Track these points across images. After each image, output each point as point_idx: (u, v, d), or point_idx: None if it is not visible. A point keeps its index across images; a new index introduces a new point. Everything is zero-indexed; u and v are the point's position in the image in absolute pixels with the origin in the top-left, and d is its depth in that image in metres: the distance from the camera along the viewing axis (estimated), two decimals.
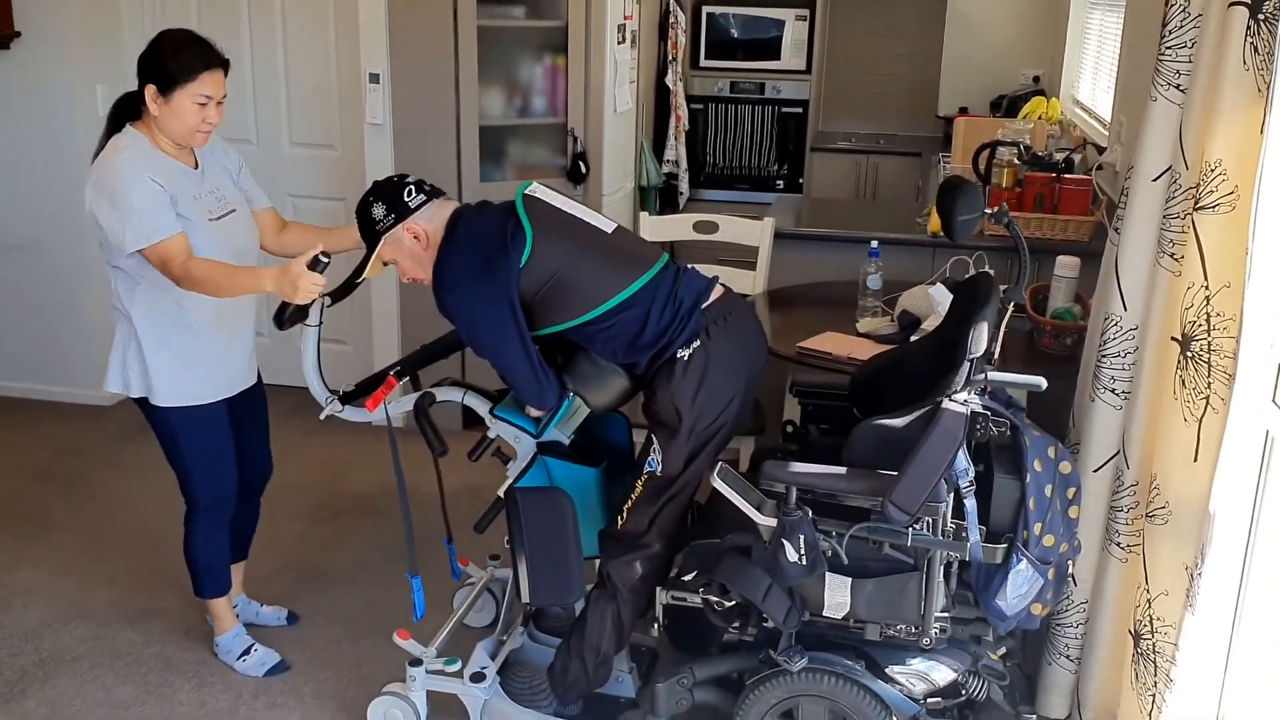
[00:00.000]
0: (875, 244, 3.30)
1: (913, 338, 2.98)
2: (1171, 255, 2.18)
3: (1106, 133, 3.98)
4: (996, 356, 2.38)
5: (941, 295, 2.99)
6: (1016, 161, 3.73)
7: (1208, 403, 2.01)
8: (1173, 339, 2.12)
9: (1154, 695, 2.16)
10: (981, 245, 3.45)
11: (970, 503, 2.21)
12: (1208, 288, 2.01)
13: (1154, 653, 2.16)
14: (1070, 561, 2.35)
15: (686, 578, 2.47)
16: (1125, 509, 2.37)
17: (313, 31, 4.50)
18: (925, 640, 2.31)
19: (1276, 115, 1.83)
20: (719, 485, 2.27)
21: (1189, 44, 2.13)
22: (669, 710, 2.56)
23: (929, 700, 2.42)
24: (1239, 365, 1.93)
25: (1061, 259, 3.07)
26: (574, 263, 2.44)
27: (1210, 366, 2.00)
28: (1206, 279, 2.01)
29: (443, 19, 4.19)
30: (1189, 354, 2.05)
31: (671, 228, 3.97)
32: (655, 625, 2.60)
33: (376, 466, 4.11)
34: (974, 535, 2.22)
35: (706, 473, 2.38)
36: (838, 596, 2.28)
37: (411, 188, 2.49)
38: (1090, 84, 4.95)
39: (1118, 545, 2.39)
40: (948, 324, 2.52)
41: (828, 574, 2.27)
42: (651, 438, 2.48)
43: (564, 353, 2.55)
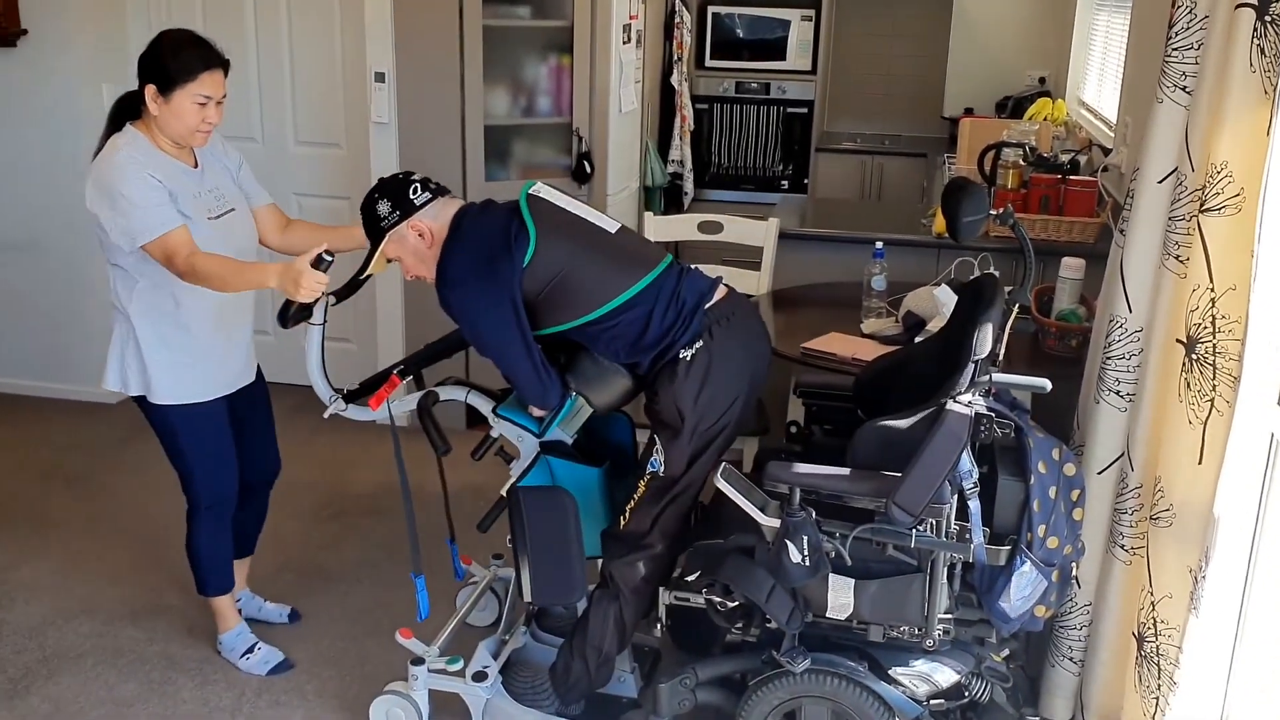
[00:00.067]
0: (880, 245, 3.30)
1: (917, 339, 2.98)
2: (1177, 257, 2.17)
3: (1112, 134, 3.98)
4: (1001, 358, 2.38)
5: (946, 296, 2.99)
6: (1022, 163, 3.73)
7: (1212, 405, 2.01)
8: (1178, 341, 2.11)
9: (1157, 698, 2.15)
10: (986, 246, 3.45)
11: (974, 504, 2.20)
12: (1213, 290, 2.00)
13: (1157, 655, 2.15)
14: (1074, 564, 2.35)
15: (690, 578, 2.46)
16: (1129, 511, 2.36)
17: (318, 30, 4.51)
18: (928, 642, 2.31)
19: None
20: (722, 486, 2.27)
21: (1195, 45, 2.13)
22: (671, 710, 2.56)
23: (932, 702, 2.42)
24: (1244, 368, 1.92)
25: (1066, 261, 3.07)
26: (577, 263, 2.44)
27: (1215, 369, 2.00)
28: (1212, 281, 2.01)
29: (448, 18, 4.19)
30: (1194, 356, 2.05)
31: (676, 228, 3.97)
32: (658, 625, 2.60)
33: (380, 465, 4.12)
34: (978, 537, 2.21)
35: (710, 473, 2.38)
36: (841, 598, 2.28)
37: (417, 185, 2.49)
38: (1096, 85, 4.94)
39: (1122, 548, 2.39)
40: (952, 325, 2.52)
41: (831, 575, 2.27)
42: (654, 438, 2.48)
43: (567, 352, 2.55)
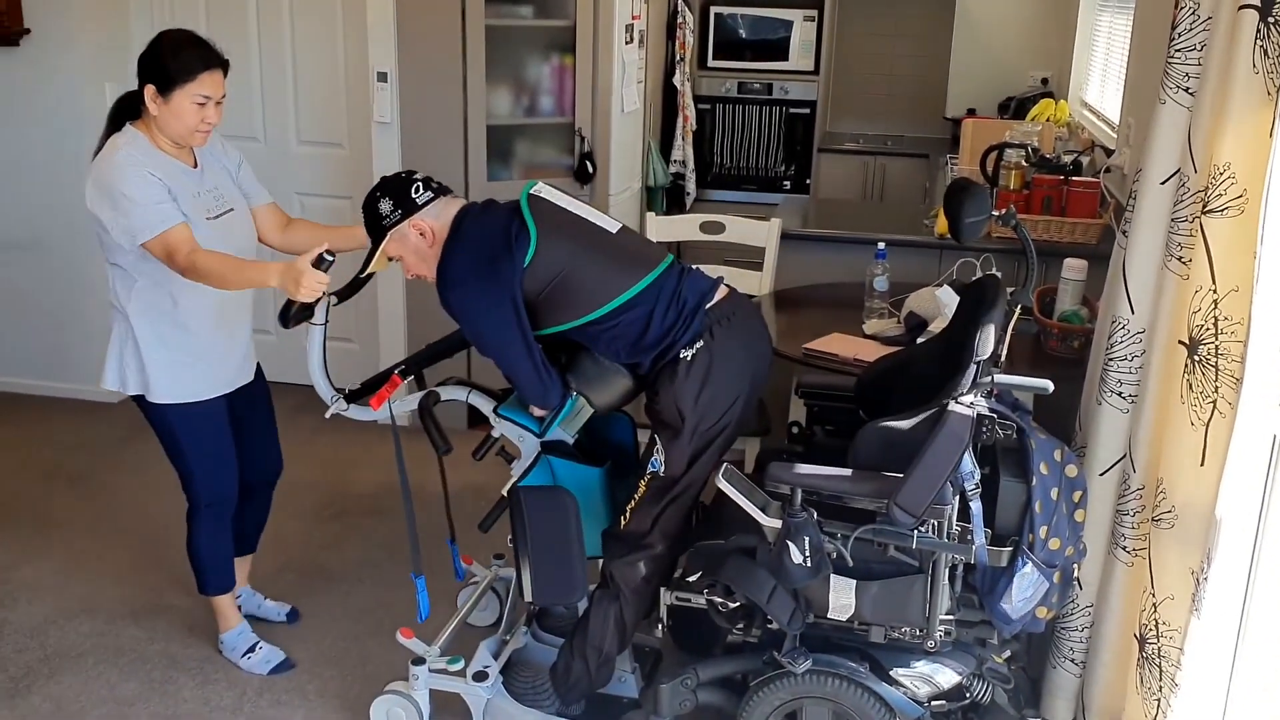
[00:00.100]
0: (882, 245, 3.30)
1: (919, 340, 2.98)
2: (1179, 259, 2.17)
3: (1115, 135, 3.97)
4: (1003, 359, 2.37)
5: (948, 297, 2.98)
6: (1024, 163, 3.72)
7: (1215, 407, 2.00)
8: (1180, 343, 2.11)
9: (1159, 700, 2.15)
10: (989, 247, 3.45)
11: (976, 505, 2.20)
12: (1215, 291, 2.00)
13: (1159, 657, 2.15)
14: (1076, 565, 2.35)
15: (691, 579, 2.46)
16: (1131, 513, 2.36)
17: (321, 30, 4.51)
18: (930, 643, 2.31)
19: None
20: (724, 486, 2.27)
21: (1198, 46, 2.13)
22: (673, 711, 2.56)
23: (933, 703, 2.41)
24: (1246, 369, 1.92)
25: (1069, 262, 3.07)
26: (578, 263, 2.44)
27: (1218, 370, 1.99)
28: (1214, 283, 2.00)
29: (451, 18, 4.19)
30: (1196, 358, 2.05)
31: (678, 228, 3.97)
32: (659, 626, 2.60)
33: (381, 465, 4.12)
34: (979, 538, 2.21)
35: (711, 473, 2.38)
36: (842, 598, 2.28)
37: (420, 184, 2.50)
38: (1099, 86, 4.93)
39: (1123, 549, 2.38)
40: (954, 326, 2.52)
41: (832, 576, 2.26)
42: (655, 438, 2.48)
43: (567, 352, 2.55)
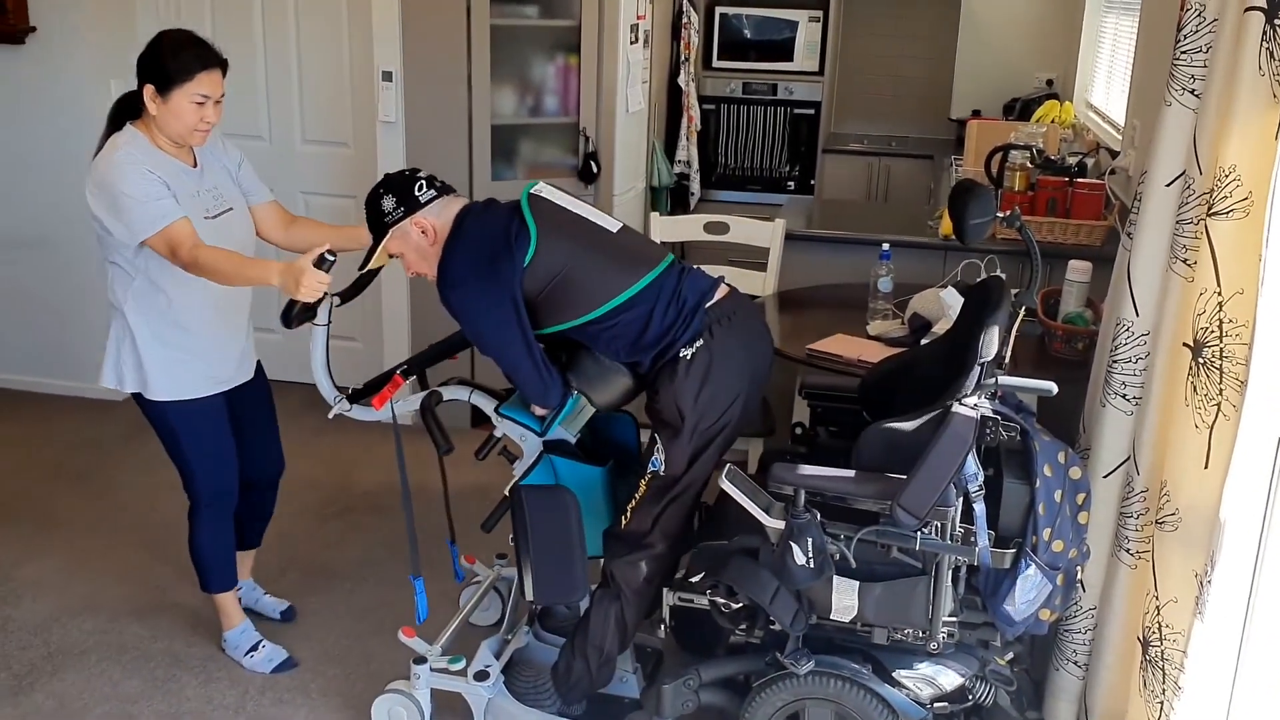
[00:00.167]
0: (886, 246, 3.30)
1: (923, 341, 2.98)
2: (1184, 261, 2.17)
3: (1120, 137, 3.97)
4: (1007, 361, 2.37)
5: (952, 299, 2.98)
6: (1029, 165, 3.72)
7: (1219, 409, 2.00)
8: (1184, 345, 2.10)
9: (1162, 703, 2.15)
10: (993, 249, 3.45)
11: (979, 507, 2.20)
12: (1220, 294, 2.00)
13: (1162, 660, 2.15)
14: (1079, 567, 2.34)
15: (694, 579, 2.46)
16: (1135, 515, 2.35)
17: (326, 29, 4.51)
18: (933, 645, 2.31)
19: None
20: (727, 487, 2.27)
21: (1204, 48, 2.12)
22: (675, 711, 2.56)
23: (936, 705, 2.41)
24: (1251, 372, 1.91)
25: (1073, 263, 3.06)
26: (578, 262, 2.44)
27: (1222, 373, 1.99)
28: (1219, 285, 2.00)
29: (456, 18, 4.19)
30: (1201, 360, 2.04)
31: (682, 228, 3.97)
32: (662, 626, 2.60)
33: (384, 464, 4.12)
34: (983, 540, 2.21)
35: (715, 473, 2.38)
36: (845, 600, 2.28)
37: (423, 182, 2.50)
38: (1104, 88, 4.93)
39: (1127, 551, 2.38)
40: (958, 327, 2.52)
41: (835, 577, 2.26)
42: (655, 437, 2.48)
43: (568, 351, 2.55)
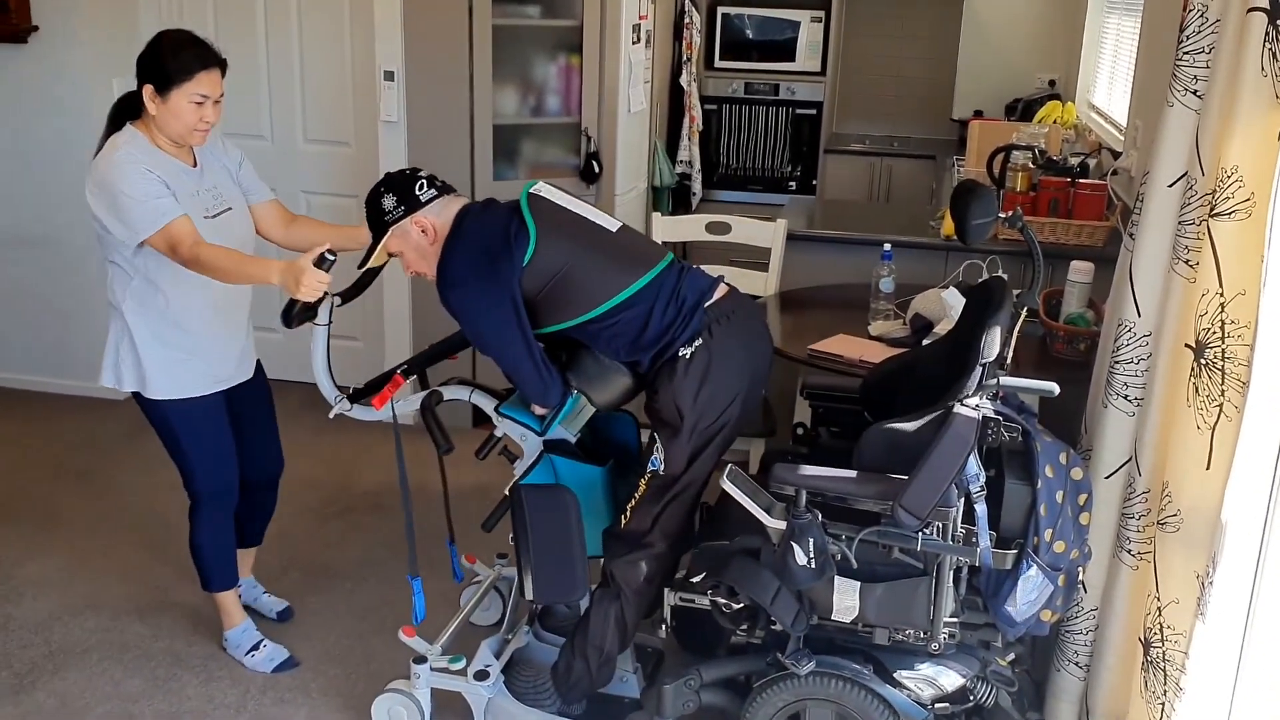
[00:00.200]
0: (888, 247, 3.30)
1: (925, 341, 2.98)
2: (1186, 262, 2.17)
3: (1122, 138, 3.96)
4: (1009, 361, 2.37)
5: (954, 299, 2.98)
6: (1031, 165, 3.72)
7: (1221, 410, 2.00)
8: (1186, 346, 2.10)
9: (1163, 704, 2.14)
10: (995, 249, 3.44)
11: (981, 508, 2.20)
12: (1222, 295, 2.00)
13: (1164, 661, 2.15)
14: (1081, 568, 2.34)
15: (695, 579, 2.46)
16: (1137, 516, 2.35)
17: (328, 29, 4.51)
18: (934, 645, 2.31)
19: None
20: (728, 487, 2.27)
21: (1207, 49, 2.12)
22: (676, 712, 2.56)
23: (937, 706, 2.41)
24: (1253, 373, 1.91)
25: (1075, 264, 3.06)
26: (577, 261, 2.44)
27: (1224, 374, 1.99)
28: (1221, 286, 2.00)
29: (458, 17, 4.19)
30: (1203, 361, 2.04)
31: (684, 228, 3.97)
32: (663, 626, 2.60)
33: (384, 464, 4.12)
34: (984, 541, 2.21)
35: (716, 473, 2.37)
36: (846, 600, 2.28)
37: (424, 182, 2.50)
38: (1106, 88, 4.92)
39: (1129, 552, 2.38)
40: (960, 328, 2.51)
41: (837, 578, 2.26)
42: (654, 437, 2.48)
43: (568, 350, 2.55)
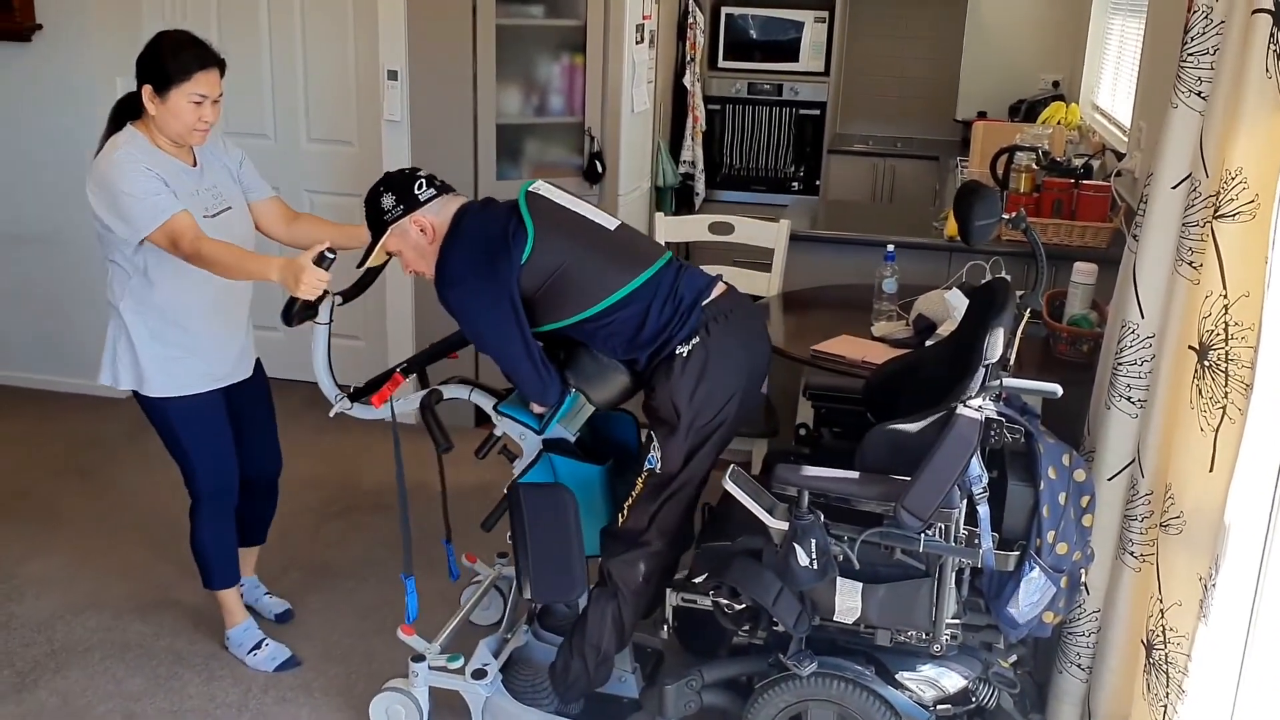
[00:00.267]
0: (891, 247, 3.29)
1: (928, 342, 2.97)
2: (1190, 263, 2.16)
3: (1126, 139, 3.96)
4: (1012, 362, 2.37)
5: (957, 300, 2.98)
6: (1035, 167, 3.71)
7: (1224, 412, 1.99)
8: (1190, 348, 2.10)
9: (1165, 706, 2.14)
10: (998, 250, 3.44)
11: (983, 509, 2.20)
12: (1226, 296, 1.99)
13: (1166, 663, 2.14)
14: (1083, 570, 2.34)
15: (697, 580, 2.46)
16: (1139, 518, 2.35)
17: (331, 28, 4.51)
18: (936, 647, 2.30)
19: None
20: (731, 488, 2.27)
21: (1211, 51, 2.12)
22: (678, 712, 2.55)
23: (939, 707, 2.41)
24: (1257, 375, 1.91)
25: (1079, 265, 3.06)
26: (575, 259, 2.44)
27: (1228, 376, 1.99)
28: (1225, 288, 1.99)
29: (461, 17, 4.20)
30: (1206, 363, 2.04)
31: (687, 228, 3.97)
32: (665, 627, 2.60)
33: (386, 463, 4.07)
34: (986, 542, 2.21)
35: (717, 473, 2.37)
36: (848, 601, 2.27)
37: (423, 181, 2.51)
38: (1110, 90, 4.92)
39: (1131, 554, 2.37)
40: (963, 329, 2.51)
41: (839, 579, 2.26)
42: (651, 435, 2.49)
43: (566, 349, 2.56)
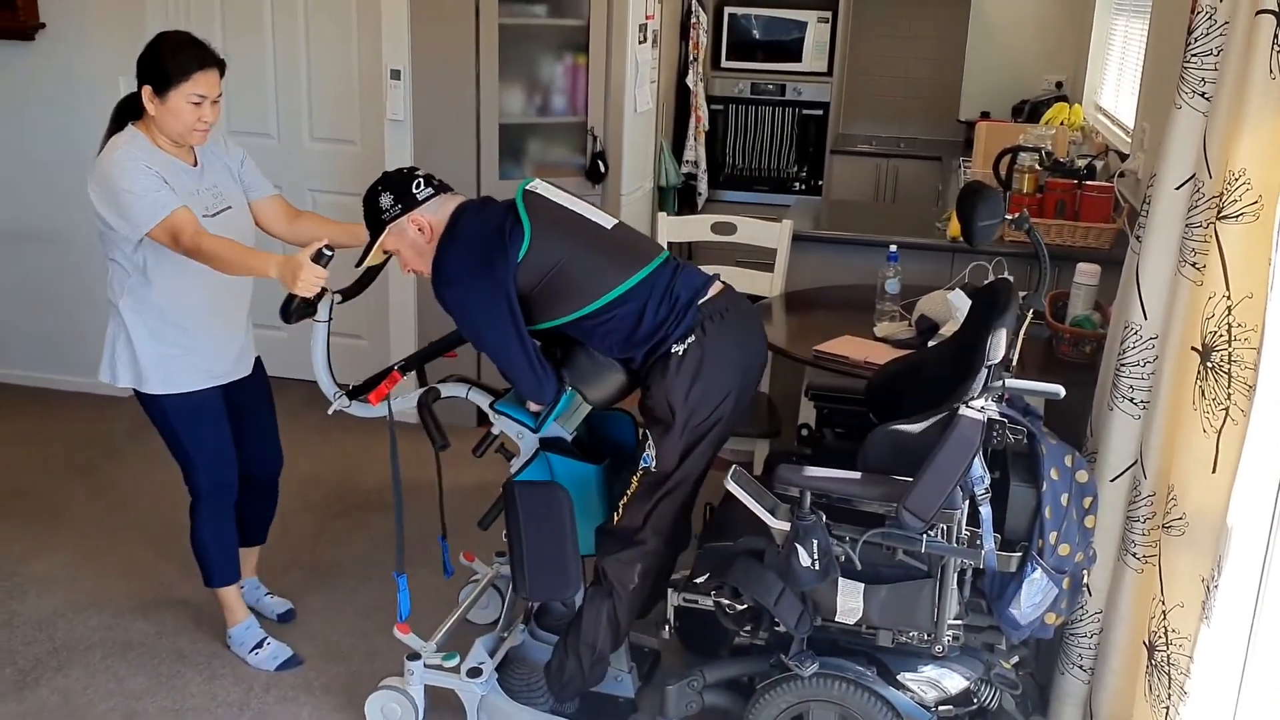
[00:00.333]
0: (894, 248, 3.29)
1: (930, 343, 2.97)
2: (1193, 264, 2.16)
3: (1129, 140, 3.96)
4: (1014, 363, 2.37)
5: (960, 301, 2.97)
6: (1038, 167, 3.71)
7: (1227, 414, 1.99)
8: (1193, 349, 2.10)
9: (1167, 707, 2.14)
10: (1001, 251, 3.44)
11: (985, 510, 2.20)
12: (1229, 298, 1.99)
13: (1168, 665, 2.14)
14: (1085, 571, 2.34)
15: (699, 580, 2.46)
16: (1142, 519, 2.35)
17: (335, 28, 4.51)
18: (938, 648, 2.30)
19: None
20: (732, 488, 2.26)
21: (1215, 51, 2.12)
22: (679, 712, 2.55)
23: (941, 708, 2.40)
24: (1260, 377, 1.91)
25: (1082, 266, 3.06)
26: (571, 257, 2.44)
27: (1230, 377, 1.98)
28: (1228, 289, 1.99)
29: (464, 16, 4.19)
30: (1209, 364, 2.04)
31: (690, 228, 3.97)
32: (666, 627, 2.60)
33: (386, 462, 4.08)
34: (989, 543, 2.20)
35: (718, 473, 2.37)
36: (850, 602, 2.27)
37: (421, 180, 2.51)
38: (1113, 90, 4.91)
39: (1133, 555, 2.37)
40: (966, 330, 2.51)
41: (841, 579, 2.26)
42: (647, 434, 2.49)
43: (563, 348, 2.56)
